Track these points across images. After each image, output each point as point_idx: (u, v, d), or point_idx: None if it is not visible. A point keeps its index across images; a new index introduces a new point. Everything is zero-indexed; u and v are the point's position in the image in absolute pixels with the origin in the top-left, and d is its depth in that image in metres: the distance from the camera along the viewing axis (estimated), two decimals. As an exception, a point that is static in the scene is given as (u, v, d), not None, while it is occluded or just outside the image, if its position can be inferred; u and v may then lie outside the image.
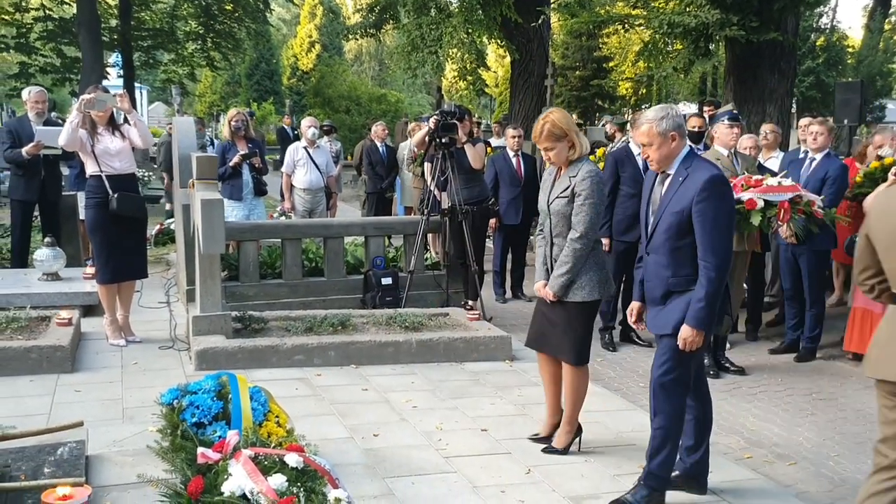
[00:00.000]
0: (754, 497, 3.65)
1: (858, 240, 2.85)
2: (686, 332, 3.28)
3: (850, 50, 24.11)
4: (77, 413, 4.14)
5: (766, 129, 7.53)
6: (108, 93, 5.54)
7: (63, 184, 8.19)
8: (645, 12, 11.07)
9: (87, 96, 5.38)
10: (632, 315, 3.76)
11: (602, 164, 6.95)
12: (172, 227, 8.72)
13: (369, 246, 7.19)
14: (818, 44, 22.76)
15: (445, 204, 7.04)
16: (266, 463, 2.82)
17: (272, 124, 30.73)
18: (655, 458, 3.42)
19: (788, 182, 5.76)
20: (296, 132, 12.65)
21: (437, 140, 6.79)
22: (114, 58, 23.99)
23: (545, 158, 3.98)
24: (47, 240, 6.92)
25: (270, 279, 7.01)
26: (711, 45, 10.56)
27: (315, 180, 8.79)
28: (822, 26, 24.07)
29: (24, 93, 7.64)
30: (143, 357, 5.43)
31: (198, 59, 24.26)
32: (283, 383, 4.87)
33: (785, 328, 6.55)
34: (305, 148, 8.82)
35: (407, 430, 4.28)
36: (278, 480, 2.70)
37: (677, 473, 3.63)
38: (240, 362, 5.17)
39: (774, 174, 6.05)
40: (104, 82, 16.44)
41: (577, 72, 28.81)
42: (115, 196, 5.38)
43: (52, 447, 3.46)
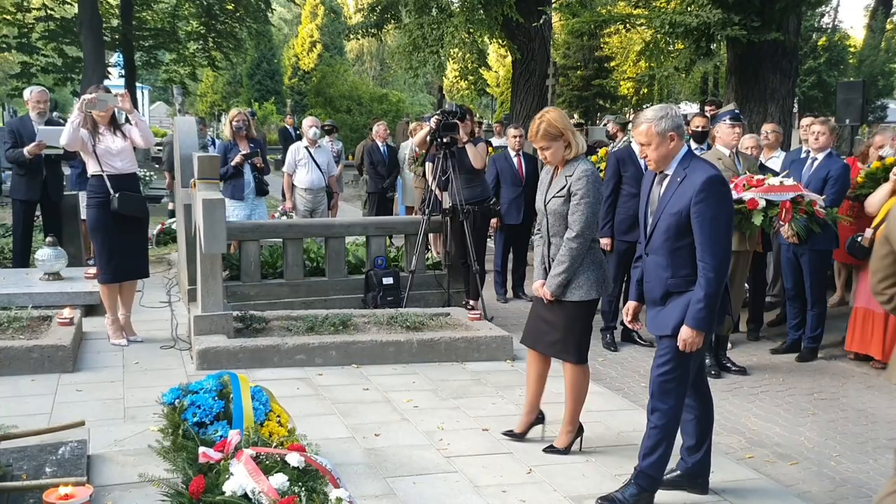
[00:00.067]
0: (756, 497, 3.64)
1: (877, 248, 2.70)
2: (686, 333, 3.27)
3: (852, 50, 24.07)
4: (78, 412, 4.14)
5: (767, 128, 7.52)
6: (109, 92, 5.54)
7: (65, 183, 8.19)
8: (646, 12, 11.07)
9: (89, 96, 5.38)
10: (628, 315, 3.76)
11: (604, 163, 6.95)
12: (174, 226, 8.73)
13: (370, 246, 7.19)
14: (820, 43, 22.72)
15: (447, 204, 7.04)
16: (267, 462, 2.82)
17: (273, 124, 30.77)
18: (649, 457, 3.42)
19: (790, 182, 5.76)
20: (298, 132, 12.65)
21: (439, 140, 6.79)
22: (115, 57, 24.02)
23: (541, 158, 3.98)
24: (49, 239, 6.93)
25: (272, 279, 7.01)
26: (713, 44, 10.55)
27: (316, 180, 8.79)
28: (824, 26, 24.03)
29: (26, 92, 7.64)
30: (145, 357, 5.44)
31: (199, 58, 24.32)
32: (285, 383, 4.87)
33: (786, 328, 6.55)
34: (307, 148, 8.82)
35: (408, 430, 4.28)
36: (280, 480, 2.70)
37: (679, 473, 3.64)
38: (241, 362, 5.17)
39: (776, 174, 6.05)
40: (105, 82, 16.48)
41: (578, 71, 28.79)
42: (117, 196, 5.39)
43: (53, 447, 3.47)
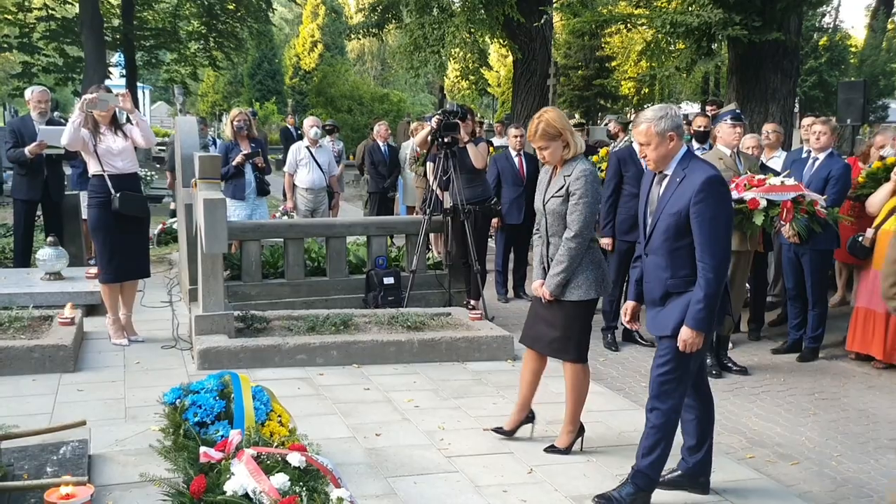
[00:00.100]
0: (757, 497, 3.64)
1: (889, 252, 2.68)
2: (686, 334, 3.27)
3: (853, 49, 24.07)
4: (79, 412, 4.14)
5: (767, 128, 7.52)
6: (110, 92, 5.54)
7: (66, 183, 8.19)
8: (647, 12, 11.06)
9: (90, 96, 5.38)
10: (626, 315, 3.75)
11: (605, 163, 6.95)
12: (175, 226, 8.73)
13: (371, 245, 7.19)
14: (821, 43, 22.71)
15: (448, 203, 7.04)
16: (268, 462, 2.82)
17: (274, 124, 30.79)
18: (647, 457, 3.42)
19: (791, 182, 5.76)
20: (299, 132, 12.65)
21: (440, 139, 6.79)
22: (116, 57, 24.01)
23: (540, 157, 3.99)
24: (50, 239, 6.94)
25: (273, 279, 7.01)
26: (714, 44, 10.54)
27: (317, 180, 8.80)
28: (825, 26, 24.01)
29: (27, 92, 7.64)
30: (146, 356, 5.44)
31: (200, 58, 24.32)
32: (286, 383, 4.88)
33: (787, 328, 6.55)
34: (308, 147, 8.82)
35: (409, 430, 4.29)
36: (281, 480, 2.70)
37: (680, 473, 3.64)
38: (242, 362, 5.18)
39: (777, 174, 6.05)
40: (107, 82, 16.47)
41: (579, 71, 28.81)
42: (118, 195, 5.39)
43: (54, 446, 3.47)
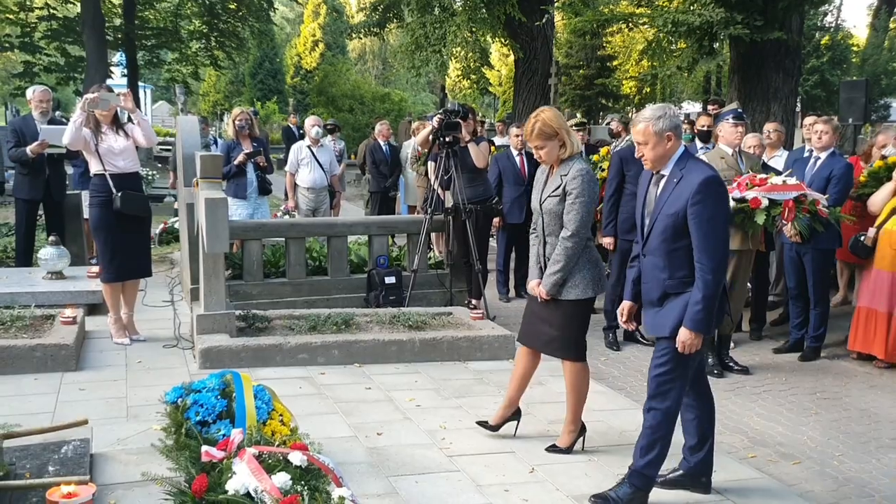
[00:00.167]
0: (758, 496, 3.64)
1: None
2: (684, 336, 3.26)
3: (855, 49, 24.02)
4: (81, 411, 4.14)
5: (769, 127, 7.51)
6: (111, 92, 5.54)
7: (67, 183, 8.19)
8: (649, 11, 11.05)
9: (91, 95, 5.38)
10: (622, 315, 3.73)
11: (606, 162, 6.95)
12: (176, 225, 8.73)
13: (373, 245, 7.19)
14: (823, 42, 22.67)
15: (449, 203, 7.04)
16: (270, 461, 2.82)
17: (276, 123, 30.81)
18: (644, 456, 3.41)
19: (793, 181, 5.76)
20: (301, 131, 12.66)
21: (441, 139, 6.79)
22: (118, 57, 24.01)
23: (536, 157, 3.99)
24: (51, 238, 6.94)
25: (274, 278, 7.02)
26: (716, 43, 10.52)
27: (318, 179, 8.80)
28: (827, 25, 23.96)
29: (29, 92, 7.65)
30: (148, 356, 5.44)
31: (202, 58, 24.31)
32: (287, 382, 4.88)
33: (789, 327, 6.54)
34: (309, 147, 8.82)
35: (410, 429, 4.29)
36: (282, 479, 2.70)
37: (681, 472, 3.64)
38: (244, 361, 5.18)
39: (779, 173, 6.04)
40: (108, 81, 16.46)
41: (580, 70, 28.80)
42: (119, 195, 5.40)
43: (56, 445, 3.47)
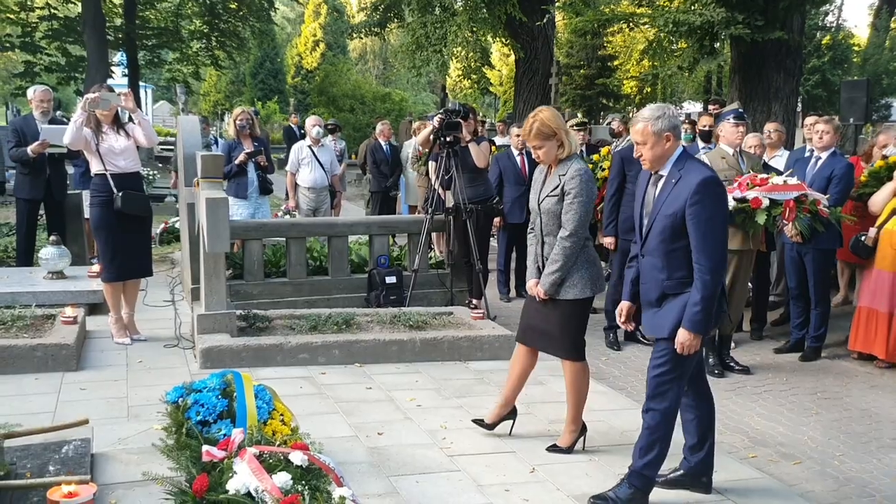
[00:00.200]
0: (759, 496, 3.64)
1: None
2: (683, 337, 3.26)
3: (856, 48, 24.00)
4: (82, 411, 4.14)
5: (769, 127, 7.51)
6: (112, 91, 5.55)
7: (68, 182, 8.20)
8: (650, 11, 11.04)
9: (92, 95, 5.38)
10: (621, 315, 3.72)
11: (607, 162, 6.95)
12: (177, 225, 8.74)
13: (373, 245, 7.19)
14: (824, 42, 22.65)
15: (450, 203, 7.04)
16: (271, 461, 2.83)
17: (276, 123, 30.82)
18: (643, 457, 3.41)
19: (794, 181, 5.76)
20: (302, 131, 12.66)
21: (442, 139, 6.79)
22: (118, 57, 24.02)
23: (535, 157, 4.00)
24: (52, 238, 6.94)
25: (275, 278, 7.01)
26: (717, 43, 10.52)
27: (319, 179, 8.80)
28: (828, 25, 23.95)
29: (30, 92, 7.65)
30: (148, 355, 5.44)
31: (202, 57, 24.32)
32: (288, 382, 4.88)
33: (790, 327, 6.54)
34: (310, 146, 8.83)
35: (411, 429, 4.29)
36: (283, 478, 2.70)
37: (682, 472, 3.64)
38: (244, 361, 5.18)
39: (780, 173, 6.04)
40: (109, 81, 16.46)
41: (581, 70, 28.80)
42: (120, 194, 5.40)
43: (57, 445, 3.47)
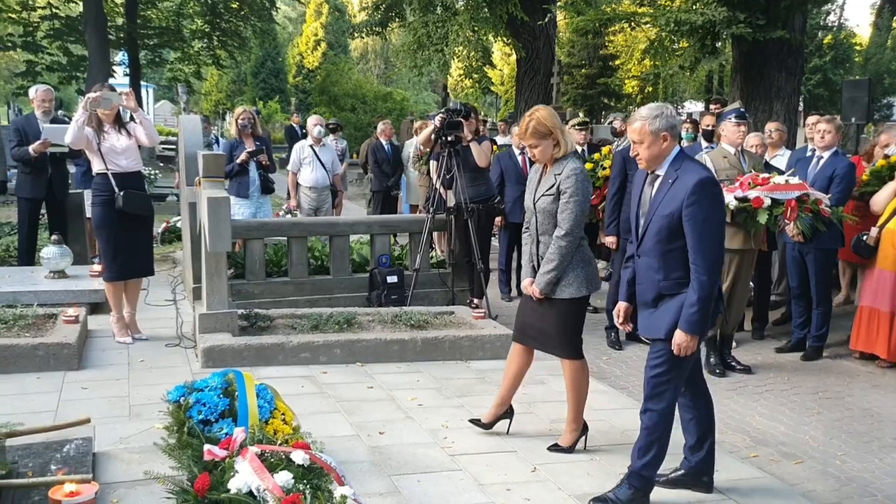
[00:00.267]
0: (760, 496, 3.64)
1: None
2: (680, 338, 3.26)
3: (858, 48, 24.00)
4: (84, 410, 4.14)
5: (770, 127, 7.51)
6: (114, 91, 5.55)
7: (70, 182, 8.21)
8: (651, 10, 11.04)
9: (94, 94, 5.39)
10: (619, 316, 3.72)
11: (608, 161, 6.94)
12: (179, 224, 8.74)
13: (375, 244, 7.19)
14: (825, 42, 22.65)
15: (451, 202, 7.04)
16: (272, 460, 2.83)
17: (278, 122, 30.83)
18: (642, 458, 3.41)
19: (795, 180, 5.76)
20: (304, 130, 12.66)
21: (443, 138, 6.79)
22: (120, 56, 24.06)
23: (530, 155, 4.00)
24: (54, 237, 6.95)
25: (276, 277, 7.02)
26: (718, 43, 10.53)
27: (321, 178, 8.80)
28: (830, 24, 23.93)
29: (31, 91, 7.66)
30: (150, 354, 5.45)
31: (204, 57, 24.36)
32: (289, 381, 4.88)
33: (791, 327, 6.54)
34: (311, 146, 8.82)
35: (413, 428, 4.29)
36: (284, 477, 2.70)
37: (683, 472, 3.64)
38: (246, 360, 5.18)
39: (781, 172, 6.04)
40: (110, 80, 16.48)
41: (583, 70, 28.80)
42: (122, 194, 5.40)
43: (59, 444, 3.48)
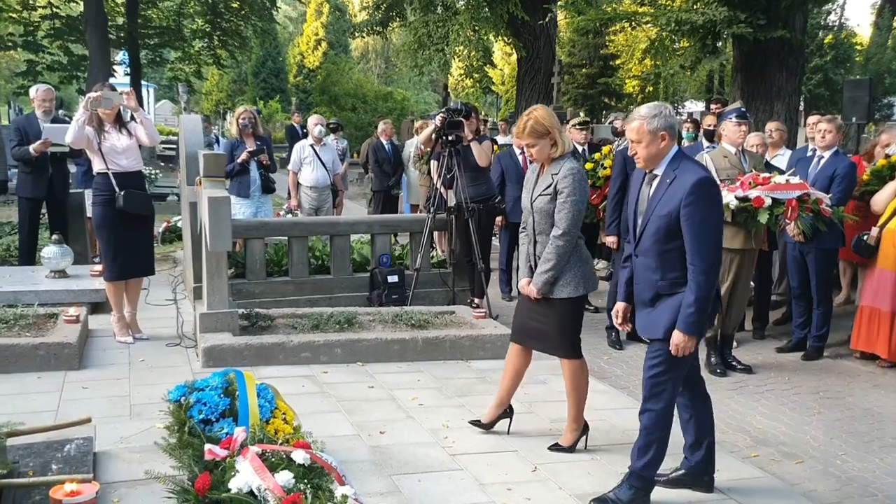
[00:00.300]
0: (761, 495, 3.64)
1: None
2: (678, 339, 3.26)
3: (859, 47, 24.02)
4: (85, 410, 4.14)
5: (770, 127, 7.50)
6: (114, 91, 5.54)
7: (70, 181, 8.20)
8: (652, 10, 11.04)
9: (94, 94, 5.38)
10: (617, 317, 3.72)
11: (609, 160, 6.94)
12: (180, 224, 8.74)
13: (375, 244, 7.19)
14: (826, 41, 22.66)
15: (452, 202, 7.04)
16: (273, 460, 2.83)
17: (278, 122, 30.82)
18: (642, 458, 3.41)
19: (796, 180, 5.75)
20: (305, 130, 12.66)
21: (444, 138, 6.79)
22: (121, 56, 24.07)
23: (528, 155, 4.01)
24: (55, 237, 6.95)
25: (277, 277, 7.02)
26: (719, 42, 10.53)
27: (321, 178, 8.80)
28: (831, 24, 23.94)
29: (32, 91, 7.66)
30: (151, 354, 5.45)
31: (204, 56, 24.36)
32: (290, 380, 4.88)
33: (792, 327, 6.53)
34: (312, 146, 8.82)
35: (413, 428, 4.29)
36: (285, 477, 2.70)
37: (683, 472, 3.64)
38: (247, 359, 5.18)
39: (782, 172, 6.04)
40: (111, 80, 16.49)
41: (583, 69, 28.81)
42: (122, 193, 5.40)
43: (59, 443, 3.48)
